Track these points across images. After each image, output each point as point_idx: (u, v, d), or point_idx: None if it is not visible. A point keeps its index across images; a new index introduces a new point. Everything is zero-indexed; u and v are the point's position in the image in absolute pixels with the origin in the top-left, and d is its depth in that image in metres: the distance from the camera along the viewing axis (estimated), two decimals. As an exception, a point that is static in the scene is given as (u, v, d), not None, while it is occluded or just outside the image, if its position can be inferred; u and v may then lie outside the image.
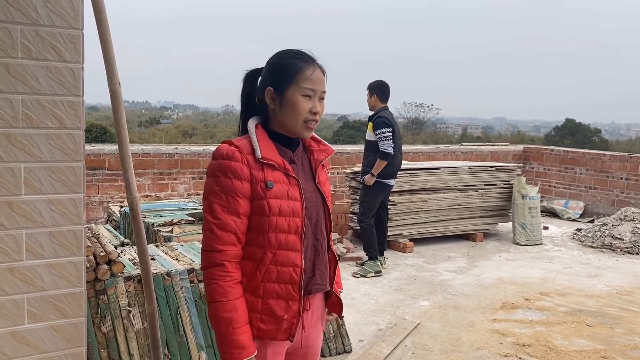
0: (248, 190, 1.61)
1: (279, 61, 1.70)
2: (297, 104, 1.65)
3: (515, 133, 55.92)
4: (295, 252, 1.67)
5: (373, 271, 5.44)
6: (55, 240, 1.83)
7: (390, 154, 5.32)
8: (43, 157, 1.78)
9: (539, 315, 4.52)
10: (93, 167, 6.15)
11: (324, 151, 1.83)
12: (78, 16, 1.79)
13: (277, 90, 1.67)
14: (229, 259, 1.60)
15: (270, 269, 1.65)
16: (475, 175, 7.04)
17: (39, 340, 1.84)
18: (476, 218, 7.08)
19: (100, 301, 2.86)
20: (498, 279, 5.51)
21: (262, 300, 1.65)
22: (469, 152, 9.12)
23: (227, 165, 1.60)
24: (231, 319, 1.58)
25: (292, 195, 1.66)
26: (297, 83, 1.66)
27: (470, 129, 76.66)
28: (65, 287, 1.86)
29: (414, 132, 48.60)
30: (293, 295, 1.67)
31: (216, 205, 1.60)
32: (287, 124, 1.69)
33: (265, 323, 1.66)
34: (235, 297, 1.60)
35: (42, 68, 1.75)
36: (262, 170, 1.63)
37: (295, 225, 1.66)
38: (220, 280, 1.59)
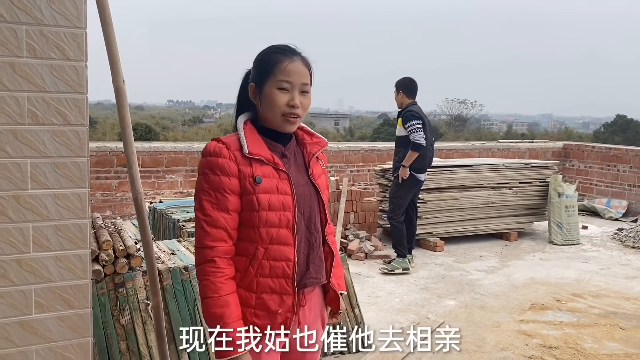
0: (236, 186, 1.61)
1: (260, 57, 1.70)
2: (272, 98, 1.64)
3: (563, 130, 54.28)
4: (287, 246, 1.66)
5: (401, 268, 5.39)
6: (60, 233, 1.88)
7: (422, 145, 5.22)
8: (48, 153, 1.84)
9: (569, 317, 4.38)
10: (126, 164, 6.32)
11: (317, 144, 1.81)
12: (81, 16, 1.84)
13: (257, 86, 1.67)
14: (220, 255, 1.61)
15: (263, 263, 1.64)
16: (510, 172, 6.87)
17: (46, 330, 1.90)
18: (510, 217, 6.91)
19: (119, 294, 2.94)
20: (529, 279, 5.36)
21: (256, 295, 1.65)
22: (505, 149, 8.91)
23: (214, 162, 1.61)
24: (223, 315, 1.58)
25: (282, 189, 1.65)
26: (274, 76, 1.64)
27: (515, 126, 74.87)
28: (71, 279, 1.92)
29: (456, 129, 47.85)
30: (287, 289, 1.67)
31: (205, 202, 1.61)
32: (268, 119, 1.68)
33: (260, 318, 1.65)
34: (226, 292, 1.59)
35: (46, 66, 1.80)
36: (250, 166, 1.62)
37: (287, 219, 1.65)
38: (212, 276, 1.59)
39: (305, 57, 1.70)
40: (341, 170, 7.64)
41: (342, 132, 52.82)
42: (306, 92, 1.69)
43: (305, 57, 1.70)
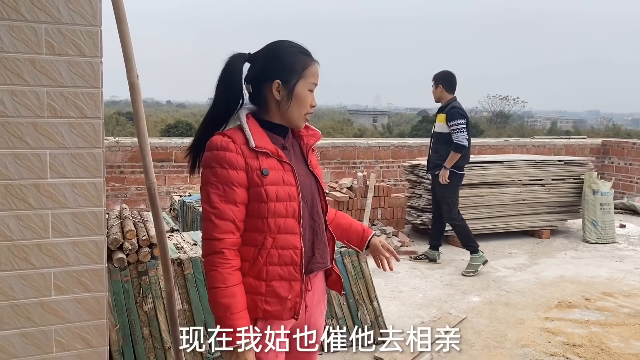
0: (244, 179, 1.67)
1: (285, 55, 1.72)
2: (305, 98, 1.72)
3: (610, 127, 52.42)
4: (294, 235, 1.73)
5: (480, 263, 5.27)
6: (77, 220, 2.00)
7: (465, 147, 5.12)
8: (66, 144, 1.95)
9: (597, 315, 4.29)
10: (160, 159, 6.51)
11: (312, 136, 1.87)
12: (96, 14, 1.94)
13: (286, 84, 1.70)
14: (228, 246, 1.66)
15: (272, 252, 1.70)
16: (542, 169, 6.73)
17: (65, 311, 2.02)
18: (542, 214, 6.77)
19: (142, 282, 3.06)
20: (559, 277, 5.26)
21: (266, 283, 1.71)
22: (541, 146, 8.72)
23: (222, 156, 1.66)
24: (229, 305, 1.64)
25: (287, 180, 1.71)
26: (306, 78, 1.72)
27: (560, 123, 72.80)
28: (87, 264, 2.03)
29: (498, 126, 46.90)
30: (295, 275, 1.73)
31: (213, 195, 1.66)
32: (290, 116, 1.74)
33: (271, 304, 1.71)
34: (233, 283, 1.65)
35: (64, 62, 1.91)
36: (256, 159, 1.68)
37: (293, 209, 1.71)
38: (220, 267, 1.65)
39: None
40: (370, 166, 7.65)
41: (380, 129, 52.53)
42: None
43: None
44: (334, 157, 7.50)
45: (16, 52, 1.85)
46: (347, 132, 39.57)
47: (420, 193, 6.55)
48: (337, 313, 3.56)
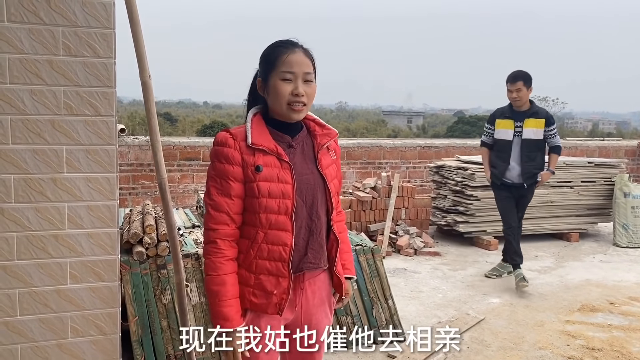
0: (240, 174, 1.74)
1: (265, 52, 1.81)
2: (277, 88, 1.74)
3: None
4: (285, 232, 1.77)
5: (506, 272, 5.15)
6: (92, 213, 2.11)
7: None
8: (81, 141, 2.06)
9: (620, 320, 4.20)
10: (189, 157, 6.67)
11: (327, 135, 1.89)
12: (110, 17, 2.04)
13: (263, 80, 1.78)
14: (222, 237, 1.74)
15: (262, 247, 1.76)
16: (571, 171, 6.61)
17: (79, 299, 2.13)
18: (571, 217, 6.65)
19: (161, 275, 3.17)
20: (584, 280, 5.17)
21: (255, 275, 1.77)
22: (572, 147, 8.54)
23: (220, 151, 1.74)
24: (218, 292, 1.72)
25: (282, 178, 1.75)
26: (277, 68, 1.74)
27: (602, 125, 70.84)
28: (101, 254, 2.14)
29: (536, 128, 45.86)
30: (283, 272, 1.77)
31: (212, 188, 1.75)
32: (275, 110, 1.79)
33: (257, 297, 1.78)
34: (224, 272, 1.73)
35: (80, 63, 2.02)
36: (253, 155, 1.73)
37: (285, 206, 1.75)
38: (213, 256, 1.74)
39: (307, 48, 1.79)
40: (396, 166, 7.65)
41: (414, 129, 52.14)
42: (310, 82, 1.78)
43: (307, 48, 1.79)
44: (359, 157, 7.53)
45: (35, 53, 1.97)
46: (381, 133, 39.44)
47: (445, 194, 6.52)
48: (352, 311, 3.60)
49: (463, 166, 6.33)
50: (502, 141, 4.94)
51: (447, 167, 6.52)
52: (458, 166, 6.39)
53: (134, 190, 6.47)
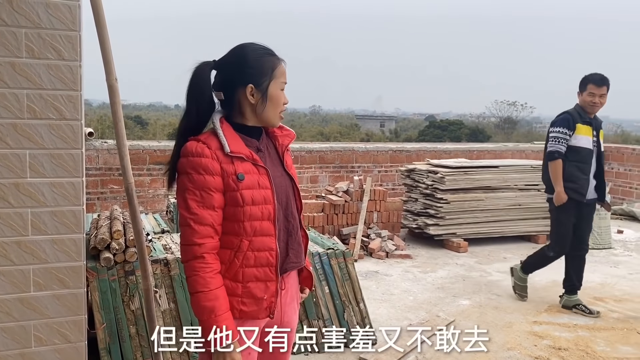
0: (220, 184, 1.69)
1: (254, 59, 1.75)
2: (279, 97, 1.76)
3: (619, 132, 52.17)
4: (269, 237, 1.76)
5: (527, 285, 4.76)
6: (56, 218, 2.06)
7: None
8: (45, 145, 2.02)
9: (585, 320, 4.30)
10: (159, 162, 6.59)
11: (287, 136, 1.91)
12: (75, 19, 2.01)
13: (259, 87, 1.73)
14: (208, 251, 1.69)
15: (248, 255, 1.74)
16: (538, 174, 6.71)
17: (43, 307, 2.08)
18: (538, 219, 6.77)
19: (129, 281, 3.12)
20: (552, 282, 5.27)
21: (242, 284, 1.75)
22: (540, 151, 8.71)
23: (197, 162, 1.68)
24: (214, 307, 1.67)
25: (262, 184, 1.74)
26: (276, 78, 1.75)
27: (569, 129, 72.13)
28: (66, 261, 2.10)
29: (506, 132, 46.83)
30: (270, 276, 1.77)
31: (191, 201, 1.68)
32: (266, 117, 1.77)
33: (247, 305, 1.75)
34: (216, 286, 1.69)
35: (43, 66, 1.98)
36: (232, 164, 1.70)
37: (268, 212, 1.75)
38: (201, 271, 1.68)
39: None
40: (369, 170, 7.70)
41: (387, 134, 52.55)
42: None
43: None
44: (332, 161, 7.55)
45: (-3, 55, 1.92)
46: (354, 137, 39.61)
47: (416, 197, 6.59)
48: (323, 314, 3.60)
49: (433, 170, 6.41)
50: (585, 150, 4.28)
51: (418, 170, 6.59)
52: (429, 170, 6.47)
53: (102, 195, 6.36)
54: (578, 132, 4.26)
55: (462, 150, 8.26)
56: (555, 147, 4.28)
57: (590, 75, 4.30)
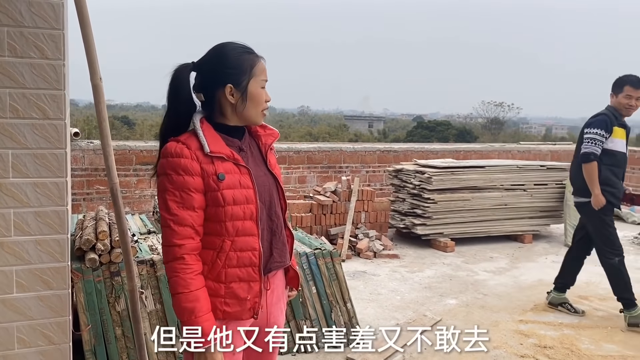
0: (200, 185, 1.69)
1: (233, 58, 1.74)
2: (259, 96, 1.75)
3: (605, 134, 52.73)
4: (252, 237, 1.75)
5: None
6: (40, 219, 2.04)
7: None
8: (28, 145, 2.00)
9: (571, 318, 4.34)
10: (146, 162, 6.55)
11: (270, 135, 1.90)
12: (59, 18, 1.99)
13: (238, 86, 1.73)
14: (188, 252, 1.68)
15: (230, 255, 1.73)
16: (524, 174, 6.80)
17: (27, 308, 2.06)
18: (524, 219, 6.84)
19: (115, 282, 3.10)
20: (537, 280, 5.32)
21: (225, 285, 1.73)
22: (526, 151, 8.80)
23: (177, 163, 1.67)
24: (194, 309, 1.66)
25: (244, 183, 1.73)
26: (256, 76, 1.74)
27: (555, 129, 73.18)
28: (49, 262, 2.07)
29: (493, 132, 47.21)
30: (254, 276, 1.76)
31: (171, 202, 1.67)
32: (247, 116, 1.76)
33: (230, 306, 1.74)
34: (196, 287, 1.68)
35: (26, 65, 1.96)
36: (212, 164, 1.69)
37: (250, 211, 1.74)
38: (181, 272, 1.66)
39: None
40: (357, 170, 7.71)
41: (375, 134, 52.71)
42: None
43: None
44: (320, 161, 7.55)
45: (-22, 54, 1.90)
46: (343, 137, 39.67)
47: (404, 197, 6.61)
48: (310, 314, 3.60)
49: (421, 170, 6.44)
50: (620, 154, 4.13)
51: (406, 171, 6.61)
52: (416, 170, 6.49)
53: (88, 196, 6.30)
54: (615, 135, 4.11)
55: (449, 151, 8.31)
56: (591, 149, 4.10)
57: (627, 77, 4.13)
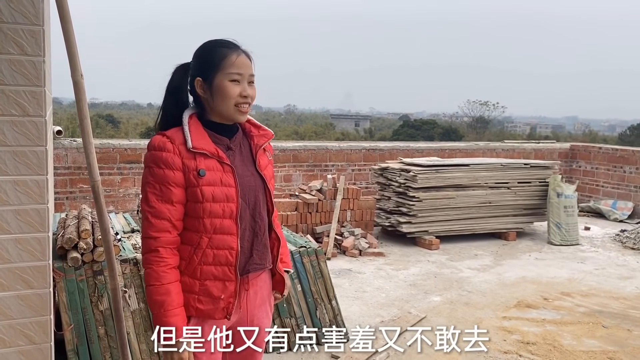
0: (181, 179, 1.69)
1: (204, 51, 1.76)
2: (225, 89, 1.71)
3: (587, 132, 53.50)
4: (230, 236, 1.74)
5: None
6: (20, 217, 2.01)
7: None
8: (8, 142, 1.96)
9: (553, 314, 4.39)
10: (130, 161, 6.50)
11: (263, 136, 1.88)
12: (39, 14, 1.96)
13: (206, 79, 1.73)
14: (163, 245, 1.68)
15: (207, 252, 1.72)
16: (508, 172, 6.86)
17: (6, 308, 2.03)
18: (509, 216, 6.90)
19: (98, 281, 3.07)
20: (521, 277, 5.38)
21: (200, 282, 1.73)
22: (510, 150, 8.87)
23: (158, 156, 1.68)
24: (163, 302, 1.67)
25: (225, 181, 1.73)
26: (224, 69, 1.71)
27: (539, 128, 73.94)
28: (30, 261, 2.04)
29: (478, 131, 47.55)
30: (229, 276, 1.75)
31: (150, 194, 1.68)
32: (220, 110, 1.75)
33: (203, 303, 1.74)
34: (168, 281, 1.67)
35: (5, 61, 1.93)
36: (194, 159, 1.69)
37: (230, 210, 1.73)
38: (155, 265, 1.67)
39: (247, 50, 1.78)
40: (342, 169, 7.72)
41: (362, 133, 52.85)
42: (252, 83, 1.78)
43: (247, 50, 1.78)
44: (306, 159, 7.55)
45: (-44, 50, 1.87)
46: (329, 136, 39.72)
47: (389, 195, 6.63)
48: (295, 312, 3.60)
49: (406, 168, 6.47)
50: None
51: (391, 169, 6.64)
52: (401, 168, 6.52)
53: (71, 195, 6.24)
54: None
55: (435, 149, 8.35)
56: None
57: None
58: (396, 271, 5.47)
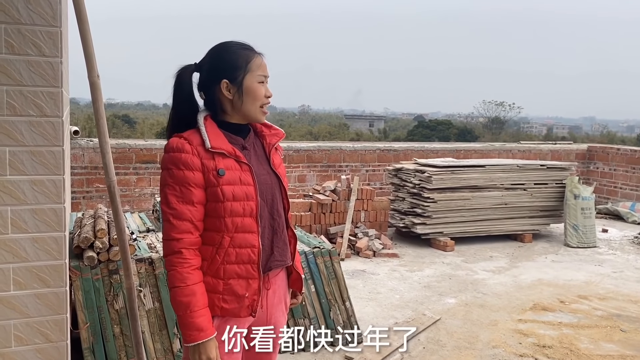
0: (201, 180, 1.70)
1: (227, 54, 1.77)
2: (256, 90, 1.75)
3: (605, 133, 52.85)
4: (252, 234, 1.76)
5: None
6: (37, 216, 2.03)
7: None
8: (25, 142, 1.99)
9: (570, 318, 4.34)
10: (145, 160, 6.55)
11: (275, 135, 1.91)
12: (56, 15, 1.98)
13: (233, 81, 1.74)
14: (186, 246, 1.69)
15: (229, 251, 1.73)
16: (524, 173, 6.79)
17: (24, 306, 2.06)
18: (525, 218, 6.83)
19: (113, 280, 3.10)
20: (537, 280, 5.32)
21: (224, 281, 1.74)
22: (526, 151, 8.79)
23: (178, 158, 1.69)
24: (189, 303, 1.67)
25: (244, 180, 1.74)
26: (252, 71, 1.75)
27: (556, 129, 73.22)
28: (47, 260, 2.07)
29: (494, 132, 47.21)
30: (253, 274, 1.76)
31: (171, 196, 1.69)
32: (246, 111, 1.77)
33: (228, 302, 1.75)
34: (193, 282, 1.68)
35: (24, 62, 1.96)
36: (213, 159, 1.71)
37: (250, 208, 1.75)
38: (179, 267, 1.67)
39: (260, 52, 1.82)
40: (356, 169, 7.70)
41: (376, 133, 52.73)
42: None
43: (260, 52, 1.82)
44: (320, 160, 7.55)
45: (-25, 51, 1.89)
46: (343, 137, 39.69)
47: (403, 196, 6.60)
48: (309, 313, 3.59)
49: (421, 169, 6.43)
50: None
51: (405, 170, 6.61)
52: (416, 169, 6.49)
53: (88, 194, 6.30)
54: None
55: (450, 150, 8.30)
56: None
57: None
58: (410, 272, 5.44)
